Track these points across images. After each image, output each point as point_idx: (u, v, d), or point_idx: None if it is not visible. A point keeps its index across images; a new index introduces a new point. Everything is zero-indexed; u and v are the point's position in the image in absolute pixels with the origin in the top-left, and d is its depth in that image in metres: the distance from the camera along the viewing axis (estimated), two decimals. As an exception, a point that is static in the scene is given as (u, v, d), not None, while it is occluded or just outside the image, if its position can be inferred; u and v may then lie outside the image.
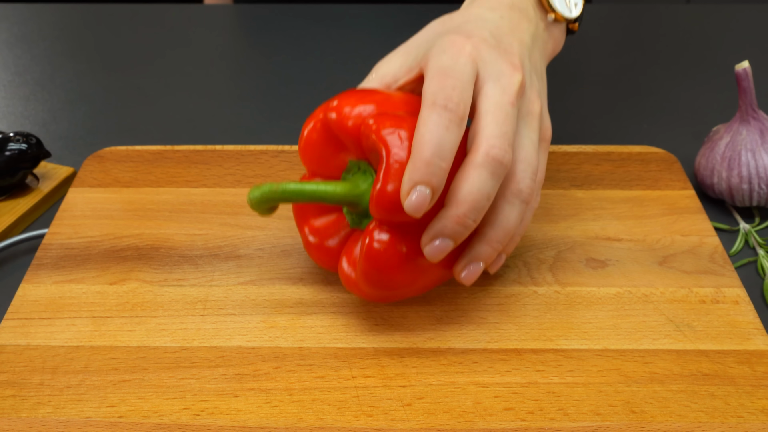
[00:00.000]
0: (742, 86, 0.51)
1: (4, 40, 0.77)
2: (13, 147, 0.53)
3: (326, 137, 0.42)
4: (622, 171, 0.55)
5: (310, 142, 0.43)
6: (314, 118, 0.43)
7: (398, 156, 0.38)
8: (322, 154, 0.43)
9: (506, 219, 0.40)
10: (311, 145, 0.43)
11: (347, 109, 0.41)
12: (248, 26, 0.81)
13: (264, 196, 0.40)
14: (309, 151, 0.43)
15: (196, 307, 0.45)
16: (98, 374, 0.41)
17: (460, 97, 0.38)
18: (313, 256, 0.45)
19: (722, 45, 0.76)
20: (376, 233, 0.39)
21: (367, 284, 0.41)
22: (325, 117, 0.42)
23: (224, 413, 0.39)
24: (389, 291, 0.42)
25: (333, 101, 0.42)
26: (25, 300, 0.45)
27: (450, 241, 0.39)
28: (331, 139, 0.42)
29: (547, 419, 0.39)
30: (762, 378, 0.41)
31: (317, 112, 0.43)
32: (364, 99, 0.41)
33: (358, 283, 0.41)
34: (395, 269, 0.40)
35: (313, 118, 0.43)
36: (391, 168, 0.38)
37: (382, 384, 0.40)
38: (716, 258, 0.48)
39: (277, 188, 0.40)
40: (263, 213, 0.41)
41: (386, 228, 0.39)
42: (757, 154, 0.51)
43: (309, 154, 0.43)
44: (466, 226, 0.38)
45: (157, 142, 0.59)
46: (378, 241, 0.39)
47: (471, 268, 0.41)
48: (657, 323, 0.44)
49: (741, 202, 0.53)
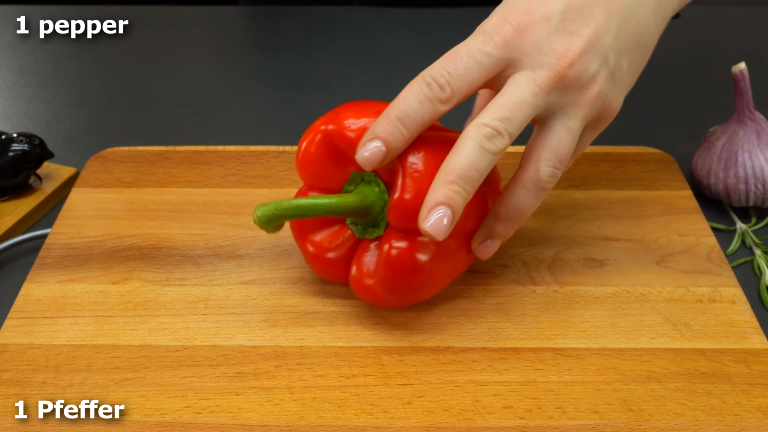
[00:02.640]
0: (739, 87, 0.52)
1: (8, 42, 0.77)
2: (17, 148, 0.53)
3: (327, 150, 0.42)
4: (619, 171, 0.55)
5: (309, 155, 0.43)
6: (313, 132, 0.43)
7: (416, 165, 0.39)
8: (322, 166, 0.43)
9: (521, 202, 0.40)
10: (310, 158, 0.43)
11: (351, 121, 0.41)
12: (249, 27, 0.82)
13: (275, 214, 0.39)
14: (308, 164, 0.43)
15: (197, 307, 0.45)
16: (101, 373, 0.41)
17: (449, 80, 0.38)
18: (318, 270, 0.45)
19: (719, 46, 0.76)
20: (394, 241, 0.40)
21: (385, 291, 0.41)
22: (326, 130, 0.42)
23: (226, 411, 0.39)
24: (407, 296, 0.42)
25: (335, 114, 0.42)
26: (29, 299, 0.46)
27: (448, 210, 0.37)
28: (332, 151, 0.42)
29: (545, 417, 0.39)
30: (758, 376, 0.41)
31: (316, 126, 0.43)
32: (366, 110, 0.41)
33: (374, 290, 0.42)
34: (414, 274, 0.41)
35: (311, 132, 0.43)
36: (409, 178, 0.39)
37: (382, 382, 0.41)
38: (713, 258, 0.48)
39: (288, 205, 0.40)
40: (271, 230, 0.40)
41: (403, 235, 0.40)
42: (753, 154, 0.51)
43: (308, 167, 0.43)
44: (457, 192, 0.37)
45: (159, 142, 0.59)
46: (397, 248, 0.40)
47: (487, 243, 0.42)
48: (654, 322, 0.44)
49: (738, 202, 0.53)
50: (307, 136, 0.43)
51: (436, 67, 0.39)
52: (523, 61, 0.39)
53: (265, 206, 0.40)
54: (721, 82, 0.68)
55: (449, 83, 0.38)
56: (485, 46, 0.39)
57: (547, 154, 0.40)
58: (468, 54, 0.39)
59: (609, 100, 0.41)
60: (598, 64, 0.40)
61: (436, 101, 0.38)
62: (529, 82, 0.38)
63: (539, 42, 0.39)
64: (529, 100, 0.38)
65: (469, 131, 0.38)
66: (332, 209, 0.41)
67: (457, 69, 0.38)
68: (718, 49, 0.75)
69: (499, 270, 0.47)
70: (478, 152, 0.37)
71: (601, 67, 0.40)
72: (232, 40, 0.80)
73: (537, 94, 0.38)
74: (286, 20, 0.80)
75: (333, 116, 0.42)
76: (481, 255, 0.43)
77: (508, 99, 0.38)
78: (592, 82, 0.40)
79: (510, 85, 0.39)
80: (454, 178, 0.37)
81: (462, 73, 0.38)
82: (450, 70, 0.38)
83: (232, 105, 0.68)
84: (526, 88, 0.38)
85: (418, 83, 0.39)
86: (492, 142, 0.38)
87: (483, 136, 0.37)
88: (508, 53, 0.39)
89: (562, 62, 0.39)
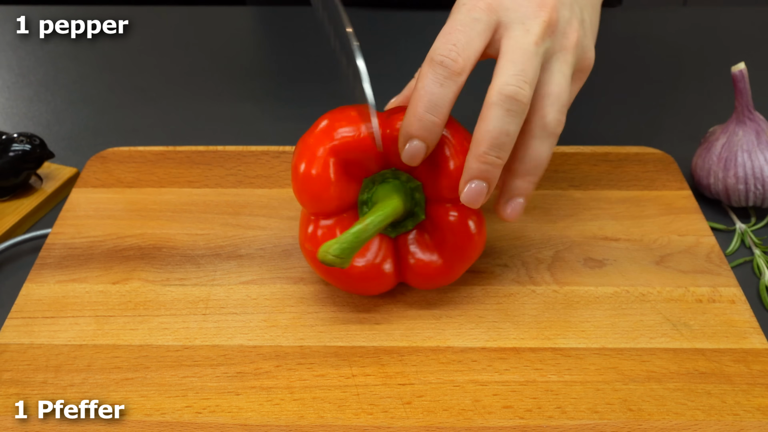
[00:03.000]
0: (738, 88, 0.52)
1: (8, 42, 0.77)
2: (17, 148, 0.53)
3: (343, 167, 0.41)
4: (619, 171, 0.55)
5: (325, 180, 0.41)
6: (310, 151, 0.41)
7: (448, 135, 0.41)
8: (342, 186, 0.42)
9: (535, 152, 0.41)
10: (326, 182, 0.41)
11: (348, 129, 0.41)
12: (249, 28, 0.82)
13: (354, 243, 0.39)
14: (325, 190, 0.41)
15: (198, 307, 0.45)
16: (101, 372, 0.41)
17: (459, 51, 0.39)
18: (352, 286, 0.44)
19: (718, 47, 0.76)
20: (450, 212, 0.42)
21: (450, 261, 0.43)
22: (336, 146, 0.41)
23: (226, 411, 0.39)
24: (466, 262, 0.44)
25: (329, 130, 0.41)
26: (29, 299, 0.46)
27: (482, 182, 0.39)
28: (347, 167, 0.41)
29: (545, 417, 0.39)
30: (758, 376, 0.41)
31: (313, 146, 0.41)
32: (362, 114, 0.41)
33: (438, 268, 0.43)
34: (470, 238, 0.43)
35: (308, 151, 0.41)
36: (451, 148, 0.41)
37: (382, 382, 0.41)
38: (713, 258, 0.48)
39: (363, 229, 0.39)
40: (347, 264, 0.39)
41: (451, 206, 0.42)
42: (753, 154, 0.51)
43: (325, 193, 0.41)
44: (491, 163, 0.39)
45: (159, 142, 0.60)
46: (453, 215, 0.42)
47: (512, 204, 0.42)
48: (654, 322, 0.44)
49: (737, 203, 0.53)
50: (302, 159, 0.41)
51: (439, 46, 0.39)
52: (511, 18, 0.40)
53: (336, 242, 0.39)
54: (721, 83, 0.69)
55: (459, 54, 0.39)
56: (473, 14, 0.40)
57: (550, 100, 0.40)
58: (462, 24, 0.40)
59: (585, 48, 0.43)
60: (569, 11, 0.42)
61: (454, 76, 0.39)
62: (525, 34, 0.40)
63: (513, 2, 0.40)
64: (532, 49, 0.39)
65: (491, 96, 0.39)
66: (393, 215, 0.41)
67: (459, 40, 0.39)
68: (718, 50, 0.75)
69: (498, 270, 0.47)
70: (505, 116, 0.38)
71: (572, 15, 0.42)
72: (232, 40, 0.80)
73: (537, 42, 0.40)
74: (287, 21, 0.80)
75: (327, 132, 0.41)
76: (511, 217, 0.42)
77: (514, 53, 0.39)
78: (570, 28, 0.41)
79: (509, 43, 0.40)
80: (487, 149, 0.38)
81: (465, 41, 0.39)
82: (455, 43, 0.39)
83: (233, 105, 0.68)
84: (525, 39, 0.40)
85: (432, 67, 0.39)
86: (516, 102, 0.38)
87: (507, 97, 0.38)
88: (495, 15, 0.40)
89: (545, 9, 0.40)
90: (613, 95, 0.68)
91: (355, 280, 0.43)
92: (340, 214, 0.43)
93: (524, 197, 0.42)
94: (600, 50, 0.66)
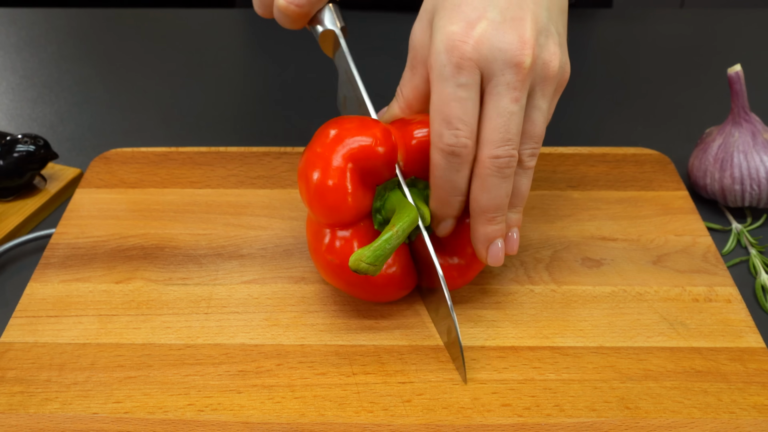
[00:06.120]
0: (735, 89, 0.52)
1: (13, 44, 0.78)
2: (21, 149, 0.54)
3: (360, 177, 0.41)
4: (617, 172, 0.56)
5: (341, 190, 0.40)
6: (322, 160, 0.40)
7: None
8: (359, 195, 0.41)
9: (518, 188, 0.42)
10: (343, 193, 0.40)
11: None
12: (250, 30, 0.82)
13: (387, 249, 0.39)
14: (343, 200, 0.41)
15: (200, 306, 0.46)
16: (104, 371, 0.42)
17: (464, 133, 0.39)
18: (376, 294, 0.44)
19: (715, 48, 0.76)
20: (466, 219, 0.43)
21: (474, 261, 0.44)
22: (350, 153, 0.40)
23: (228, 409, 0.40)
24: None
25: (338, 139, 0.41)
26: (33, 298, 0.46)
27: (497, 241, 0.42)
28: (363, 176, 0.41)
29: (543, 415, 0.39)
30: (754, 375, 0.41)
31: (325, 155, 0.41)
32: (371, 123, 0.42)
33: (461, 269, 0.44)
34: None
35: (320, 160, 0.41)
36: None
37: (382, 381, 0.41)
38: (709, 257, 0.49)
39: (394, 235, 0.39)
40: (379, 271, 0.39)
41: None
42: (749, 155, 0.52)
43: (344, 203, 0.41)
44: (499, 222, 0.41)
45: (162, 143, 0.60)
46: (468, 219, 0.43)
47: (509, 239, 0.43)
48: (651, 321, 0.44)
49: (733, 203, 0.53)
50: (315, 168, 0.41)
51: (444, 133, 0.39)
52: (493, 70, 0.39)
53: (369, 250, 0.38)
54: (717, 84, 0.69)
55: (466, 137, 0.39)
56: (460, 78, 0.39)
57: (525, 139, 0.41)
58: (454, 98, 0.39)
59: (564, 65, 0.42)
60: (546, 37, 0.40)
61: (467, 158, 0.40)
62: (505, 91, 0.39)
63: (493, 43, 0.38)
64: (513, 108, 0.39)
65: (486, 167, 0.39)
66: (415, 221, 0.40)
67: (460, 119, 0.39)
68: (714, 52, 0.76)
69: (497, 270, 0.48)
70: (503, 183, 0.40)
71: (549, 38, 0.40)
72: (233, 42, 0.81)
73: (517, 97, 0.39)
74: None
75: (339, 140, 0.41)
76: (514, 250, 0.43)
77: (498, 119, 0.39)
78: (549, 54, 0.40)
79: (491, 104, 0.39)
80: (492, 214, 0.41)
81: (465, 117, 0.39)
82: (457, 126, 0.39)
83: (234, 106, 0.68)
84: (506, 98, 0.39)
85: (444, 158, 0.40)
86: (510, 169, 0.40)
87: (501, 168, 0.39)
88: (478, 70, 0.39)
89: (524, 51, 0.39)
90: (611, 97, 0.69)
91: (380, 287, 0.43)
92: (357, 223, 0.42)
93: (518, 227, 0.43)
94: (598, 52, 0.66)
